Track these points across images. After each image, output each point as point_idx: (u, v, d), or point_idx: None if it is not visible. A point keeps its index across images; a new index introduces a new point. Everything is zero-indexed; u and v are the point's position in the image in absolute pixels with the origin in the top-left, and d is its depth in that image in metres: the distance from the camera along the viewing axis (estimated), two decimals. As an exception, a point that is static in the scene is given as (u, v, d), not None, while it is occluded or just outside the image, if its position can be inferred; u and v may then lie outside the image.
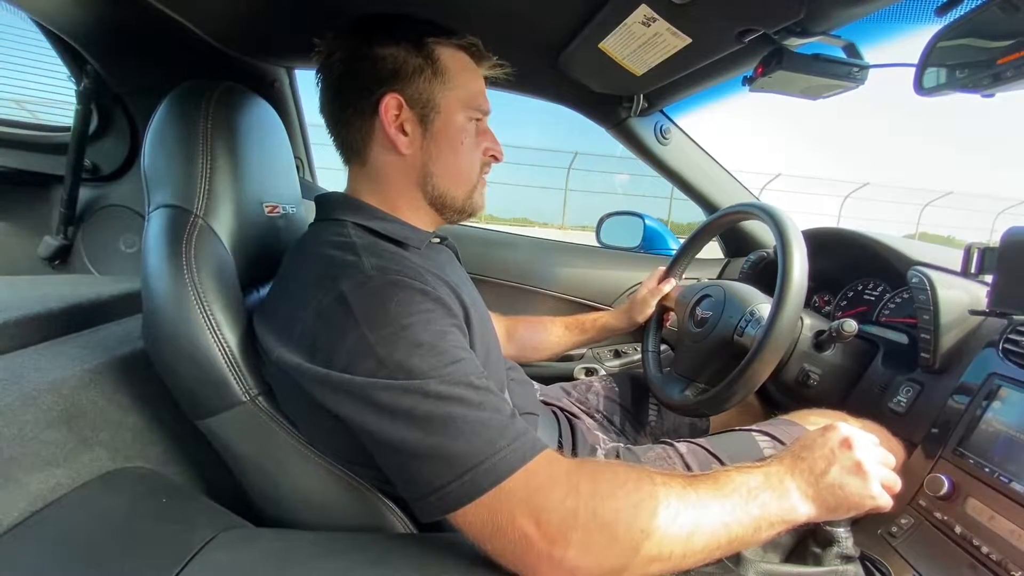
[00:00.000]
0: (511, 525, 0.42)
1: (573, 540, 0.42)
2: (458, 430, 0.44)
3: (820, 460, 0.53)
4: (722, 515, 0.46)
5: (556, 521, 0.42)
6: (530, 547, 0.42)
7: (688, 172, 1.29)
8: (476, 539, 0.44)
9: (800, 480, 0.52)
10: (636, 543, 0.43)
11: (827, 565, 0.62)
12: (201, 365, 0.53)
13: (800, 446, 0.56)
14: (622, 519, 0.43)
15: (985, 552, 0.57)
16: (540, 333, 1.05)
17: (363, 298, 0.48)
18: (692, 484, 0.47)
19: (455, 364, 0.47)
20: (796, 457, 0.54)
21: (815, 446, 0.55)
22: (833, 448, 0.54)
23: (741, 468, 0.52)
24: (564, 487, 0.44)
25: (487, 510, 0.43)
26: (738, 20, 0.65)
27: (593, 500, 0.43)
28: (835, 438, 0.55)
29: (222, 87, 0.62)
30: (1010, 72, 0.50)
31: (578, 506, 0.43)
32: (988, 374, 0.68)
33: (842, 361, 0.85)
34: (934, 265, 0.81)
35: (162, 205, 0.57)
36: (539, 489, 0.43)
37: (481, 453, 0.43)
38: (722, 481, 0.49)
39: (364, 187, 0.64)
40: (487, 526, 0.43)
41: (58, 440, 0.49)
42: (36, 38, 0.99)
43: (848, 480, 0.53)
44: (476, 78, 0.66)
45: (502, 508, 0.43)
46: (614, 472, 0.47)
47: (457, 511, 0.43)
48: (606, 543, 0.43)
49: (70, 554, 0.43)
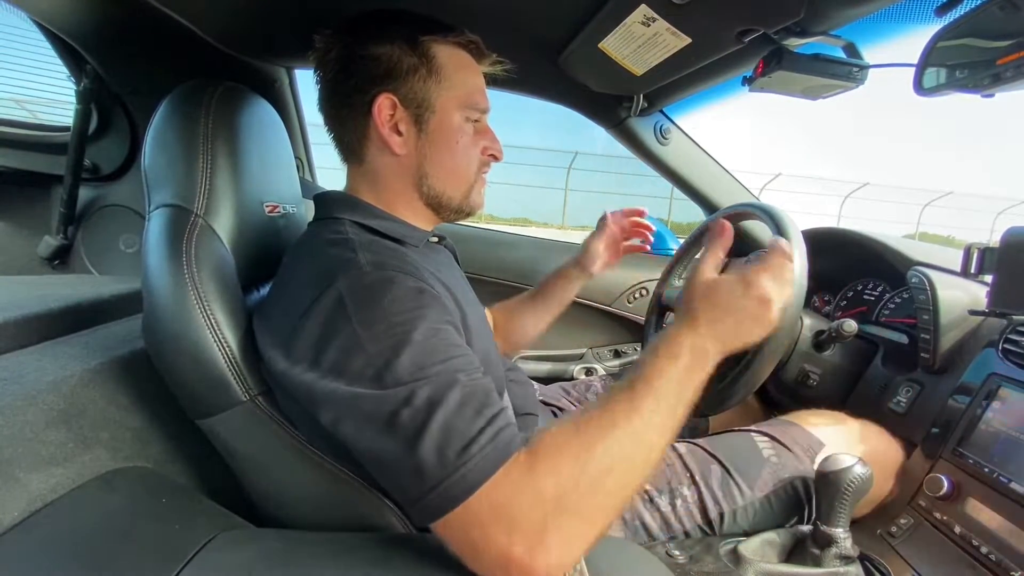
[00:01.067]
0: (487, 536, 0.41)
1: (552, 543, 0.40)
2: (431, 440, 0.42)
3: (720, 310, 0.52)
4: (668, 420, 0.46)
5: (531, 532, 0.40)
6: (510, 561, 0.40)
7: (688, 172, 1.29)
8: (459, 552, 0.43)
9: (714, 343, 0.51)
10: (608, 505, 0.43)
11: (826, 566, 0.62)
12: (201, 365, 0.53)
13: (709, 313, 0.53)
14: (589, 502, 0.42)
15: (984, 552, 0.57)
16: (513, 312, 1.00)
17: (358, 294, 0.48)
18: (633, 408, 0.46)
19: (444, 362, 0.46)
20: (708, 324, 0.52)
21: (720, 302, 0.53)
22: (734, 301, 0.53)
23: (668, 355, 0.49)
24: (530, 495, 0.42)
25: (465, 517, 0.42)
26: (738, 20, 0.65)
27: (559, 498, 0.41)
28: (733, 289, 0.53)
29: (223, 87, 0.62)
30: (1010, 72, 0.50)
31: (546, 512, 0.41)
32: (988, 374, 0.68)
33: (842, 361, 0.85)
34: (934, 265, 0.81)
35: (162, 204, 0.57)
36: (507, 502, 0.41)
37: (453, 463, 0.42)
38: (656, 385, 0.47)
39: (362, 186, 0.64)
40: (467, 536, 0.42)
41: (58, 440, 0.49)
42: (36, 38, 1.00)
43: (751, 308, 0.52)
44: (474, 76, 0.65)
45: (476, 518, 0.41)
46: (563, 447, 0.44)
47: (439, 520, 0.42)
48: (582, 526, 0.42)
49: (70, 554, 0.43)
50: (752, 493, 0.71)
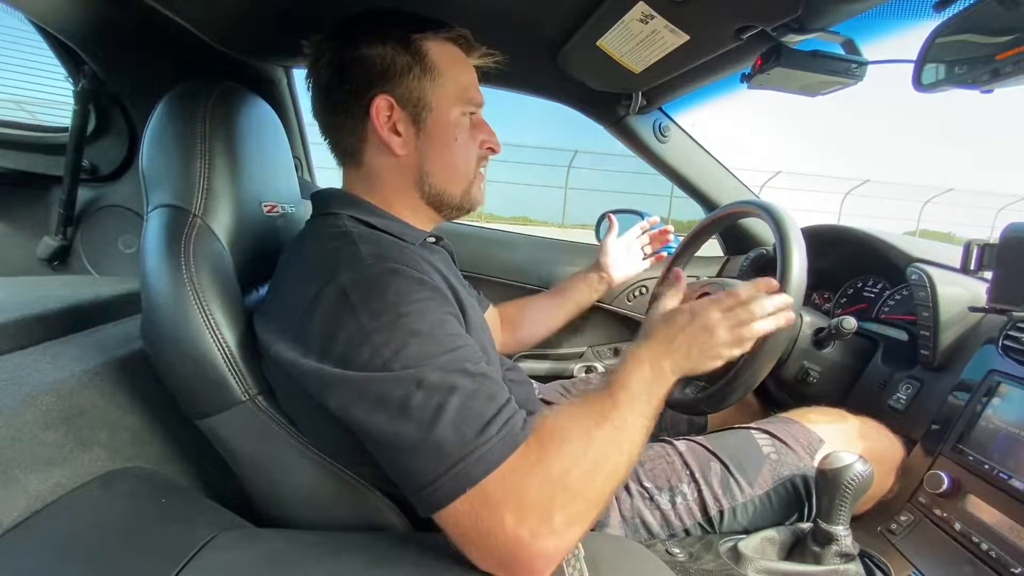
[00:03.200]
0: (496, 518, 0.42)
1: (557, 525, 0.43)
2: (449, 421, 0.44)
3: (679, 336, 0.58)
4: (641, 419, 0.52)
5: (540, 513, 0.43)
6: (518, 543, 0.42)
7: (687, 169, 1.29)
8: (462, 539, 0.44)
9: (669, 362, 0.57)
10: (605, 487, 0.47)
11: (827, 563, 0.62)
12: (200, 365, 0.53)
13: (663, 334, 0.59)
14: (590, 484, 0.46)
15: (985, 549, 0.57)
16: (527, 310, 1.05)
17: (361, 286, 0.48)
18: (613, 407, 0.51)
19: (451, 352, 0.47)
20: (662, 344, 0.58)
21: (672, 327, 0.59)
22: (682, 326, 0.59)
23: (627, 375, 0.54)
24: (540, 475, 0.44)
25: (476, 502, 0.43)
26: (736, 17, 0.65)
27: (564, 479, 0.45)
28: (682, 317, 0.59)
29: (220, 87, 0.62)
30: (1009, 68, 0.50)
31: (553, 492, 0.44)
32: (988, 371, 0.68)
33: (842, 358, 0.85)
34: (934, 262, 0.81)
35: (160, 205, 0.57)
36: (518, 484, 0.44)
37: (473, 442, 0.43)
38: (626, 396, 0.52)
39: (359, 187, 0.64)
40: (476, 520, 0.43)
41: (57, 440, 0.49)
42: (33, 39, 0.99)
43: (697, 348, 0.58)
44: (467, 70, 0.65)
45: (489, 499, 0.43)
46: (566, 431, 0.48)
47: (449, 505, 0.43)
48: (584, 507, 0.45)
49: (70, 554, 0.43)
50: (752, 491, 0.71)
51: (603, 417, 0.49)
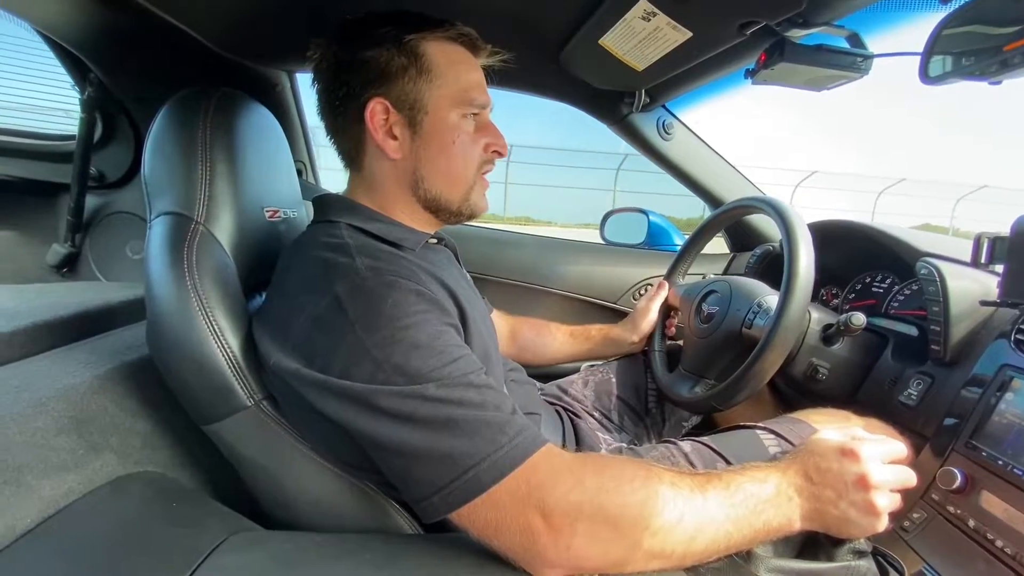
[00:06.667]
0: (516, 519, 0.43)
1: (579, 530, 0.42)
2: (460, 430, 0.44)
3: (830, 489, 0.52)
4: (726, 523, 0.47)
5: (561, 512, 0.43)
6: (536, 539, 0.42)
7: (692, 167, 1.28)
8: (481, 536, 0.45)
9: (806, 502, 0.51)
10: (640, 539, 0.43)
11: (839, 560, 0.61)
12: (205, 371, 0.53)
13: (815, 466, 0.53)
14: (628, 515, 0.43)
15: (999, 546, 0.57)
16: (544, 338, 1.04)
17: (358, 300, 0.48)
18: (701, 487, 0.47)
19: (454, 363, 0.47)
20: (808, 477, 0.52)
21: (829, 472, 0.52)
22: (848, 483, 0.52)
23: (753, 476, 0.51)
24: (568, 480, 0.44)
25: (491, 506, 0.43)
26: (739, 12, 0.65)
27: (599, 495, 0.44)
28: (851, 473, 0.52)
29: (219, 93, 0.62)
30: (1017, 58, 0.49)
31: (583, 500, 0.43)
32: (1000, 365, 0.67)
33: (851, 355, 0.84)
34: (943, 256, 0.80)
35: (163, 212, 0.57)
36: (542, 483, 0.44)
37: (484, 450, 0.43)
38: (732, 488, 0.48)
39: (360, 191, 0.64)
40: (491, 523, 0.43)
41: (69, 446, 0.50)
42: (40, 48, 1.00)
43: (853, 515, 0.52)
44: (469, 70, 0.62)
45: (506, 503, 0.43)
46: (621, 467, 0.47)
47: (461, 509, 0.43)
48: (611, 536, 0.43)
49: (83, 559, 0.43)
50: (760, 490, 0.70)
51: (677, 483, 0.46)
